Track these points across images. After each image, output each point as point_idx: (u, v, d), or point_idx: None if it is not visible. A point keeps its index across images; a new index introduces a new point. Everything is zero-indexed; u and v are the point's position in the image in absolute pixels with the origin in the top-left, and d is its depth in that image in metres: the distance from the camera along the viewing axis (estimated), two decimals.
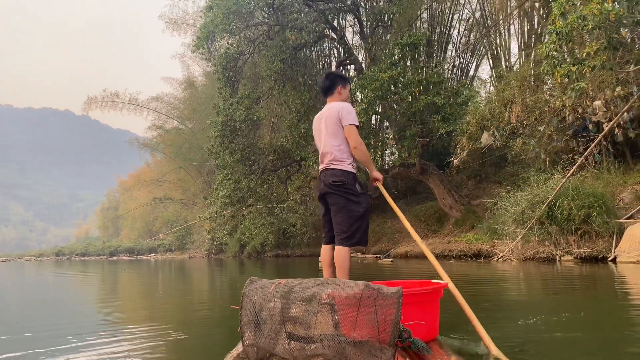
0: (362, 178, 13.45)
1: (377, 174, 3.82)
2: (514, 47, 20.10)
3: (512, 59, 19.82)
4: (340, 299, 2.19)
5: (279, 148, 18.53)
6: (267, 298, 2.34)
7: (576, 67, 8.08)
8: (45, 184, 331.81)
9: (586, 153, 10.13)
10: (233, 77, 17.12)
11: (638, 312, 4.19)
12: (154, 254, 48.08)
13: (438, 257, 15.28)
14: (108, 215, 70.92)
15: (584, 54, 8.10)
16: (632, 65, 10.23)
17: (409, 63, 17.06)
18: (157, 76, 43.32)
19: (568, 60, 9.11)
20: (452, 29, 21.57)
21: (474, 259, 13.27)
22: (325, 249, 3.70)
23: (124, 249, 54.73)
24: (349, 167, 3.56)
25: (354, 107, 3.86)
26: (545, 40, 9.32)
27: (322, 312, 2.20)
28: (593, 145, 9.96)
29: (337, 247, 3.53)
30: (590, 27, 7.67)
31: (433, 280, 3.24)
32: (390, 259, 15.59)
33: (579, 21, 8.03)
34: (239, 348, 2.47)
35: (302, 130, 16.09)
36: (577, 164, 10.17)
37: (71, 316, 5.69)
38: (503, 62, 20.04)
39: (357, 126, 3.63)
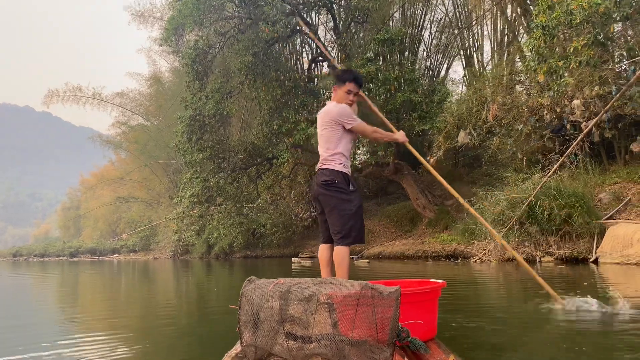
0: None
1: (398, 136, 3.97)
2: (487, 47, 20.04)
3: (485, 59, 19.81)
4: (339, 298, 2.18)
5: (250, 145, 17.96)
6: (266, 298, 2.33)
7: (563, 62, 7.84)
8: (3, 182, 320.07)
9: (568, 152, 9.95)
10: (202, 70, 16.46)
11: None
12: (116, 255, 46.55)
13: (412, 257, 15.02)
14: (69, 214, 68.57)
15: (571, 49, 7.87)
16: (612, 64, 10.13)
17: (381, 61, 16.75)
18: (122, 71, 42.09)
19: (547, 59, 8.89)
20: (423, 30, 21.44)
21: (451, 259, 13.01)
22: (322, 248, 3.71)
23: (86, 249, 52.76)
24: (339, 166, 3.58)
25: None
26: (530, 36, 9.08)
27: (321, 312, 2.19)
28: (575, 143, 9.79)
29: (335, 247, 3.53)
30: (578, 20, 7.43)
31: (431, 280, 3.24)
32: (367, 260, 15.25)
33: (565, 15, 7.81)
34: (237, 348, 2.48)
35: (275, 126, 15.57)
36: (558, 163, 9.98)
37: (24, 325, 5.06)
38: (476, 62, 19.98)
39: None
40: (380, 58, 16.09)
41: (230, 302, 6.53)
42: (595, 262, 9.19)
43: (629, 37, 10.44)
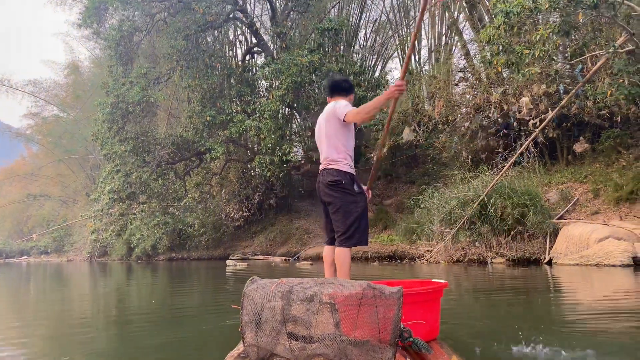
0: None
1: (391, 92, 3.31)
2: (425, 44, 19.89)
3: (424, 57, 19.63)
4: (341, 298, 2.18)
5: (178, 139, 16.57)
6: (268, 298, 2.32)
7: (529, 50, 7.39)
8: None
9: (522, 148, 9.61)
10: (126, 54, 14.97)
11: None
12: (25, 257, 43.01)
13: (352, 259, 14.34)
14: None
15: (537, 37, 7.42)
16: (563, 60, 9.92)
17: (322, 53, 16.06)
18: (36, 59, 38.84)
19: (507, 49, 8.46)
20: (359, 30, 21.03)
21: (398, 261, 12.43)
22: (327, 249, 3.66)
23: None
24: (345, 167, 3.52)
25: (269, 94, 3.14)
26: (488, 25, 8.61)
27: (323, 312, 2.19)
28: (530, 140, 9.46)
29: (337, 248, 3.45)
30: (546, 6, 6.98)
31: (433, 280, 3.23)
32: (310, 262, 14.44)
33: (530, 2, 7.37)
34: (239, 347, 2.47)
35: (208, 117, 14.35)
36: (512, 160, 9.62)
37: None
38: (414, 61, 19.75)
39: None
40: (322, 50, 15.40)
41: (155, 312, 5.53)
42: (549, 263, 8.86)
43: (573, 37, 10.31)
